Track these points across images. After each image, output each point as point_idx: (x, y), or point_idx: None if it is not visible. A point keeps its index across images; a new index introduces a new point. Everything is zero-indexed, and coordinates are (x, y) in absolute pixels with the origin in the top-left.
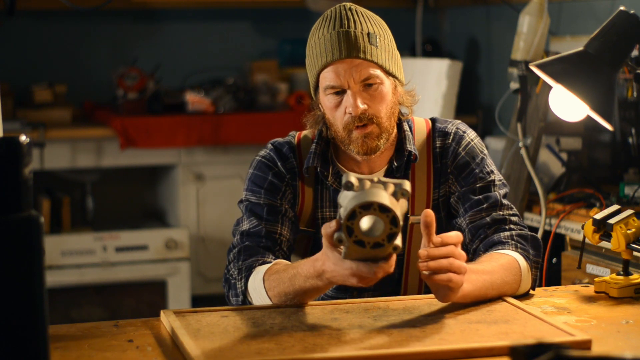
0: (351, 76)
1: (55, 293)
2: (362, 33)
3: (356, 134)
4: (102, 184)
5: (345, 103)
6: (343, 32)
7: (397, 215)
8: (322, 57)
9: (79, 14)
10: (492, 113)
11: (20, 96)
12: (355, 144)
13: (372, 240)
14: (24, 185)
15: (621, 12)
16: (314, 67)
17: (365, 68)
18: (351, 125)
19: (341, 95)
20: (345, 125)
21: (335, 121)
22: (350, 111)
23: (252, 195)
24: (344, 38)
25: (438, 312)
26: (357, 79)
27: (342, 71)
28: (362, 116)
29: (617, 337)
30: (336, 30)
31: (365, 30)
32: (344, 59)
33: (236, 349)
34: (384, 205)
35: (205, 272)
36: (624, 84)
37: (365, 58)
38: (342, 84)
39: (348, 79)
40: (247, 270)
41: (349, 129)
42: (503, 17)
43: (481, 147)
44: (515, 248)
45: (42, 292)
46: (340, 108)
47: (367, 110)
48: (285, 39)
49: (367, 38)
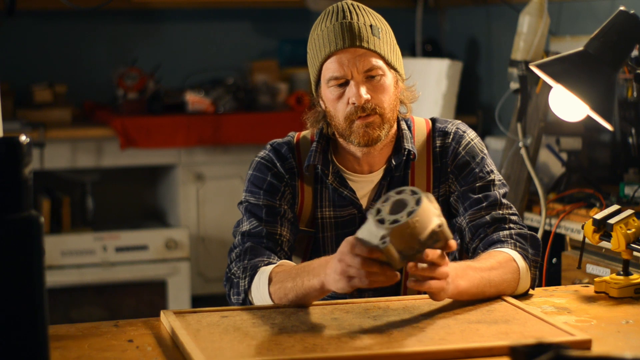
0: (355, 66)
1: (55, 293)
2: (365, 24)
3: (358, 124)
4: (102, 184)
5: (348, 94)
6: (346, 23)
7: (413, 188)
8: (325, 47)
9: (79, 14)
10: (492, 113)
11: (20, 96)
12: (357, 134)
13: (404, 213)
14: (24, 185)
15: (621, 12)
16: (316, 59)
17: (368, 58)
18: (354, 115)
19: (344, 87)
20: (347, 115)
21: (337, 113)
22: (353, 101)
23: (251, 197)
24: (347, 28)
25: (438, 312)
26: (361, 69)
27: (345, 61)
28: (365, 106)
29: (617, 337)
30: (339, 21)
31: (367, 22)
32: (348, 48)
33: (236, 349)
34: (398, 189)
35: (205, 272)
36: (624, 84)
37: (369, 48)
38: (346, 73)
39: (352, 69)
40: (252, 269)
41: (351, 119)
42: (503, 17)
43: (481, 147)
44: (514, 247)
45: (42, 292)
46: (343, 99)
47: (370, 100)
48: (285, 39)
49: (369, 29)
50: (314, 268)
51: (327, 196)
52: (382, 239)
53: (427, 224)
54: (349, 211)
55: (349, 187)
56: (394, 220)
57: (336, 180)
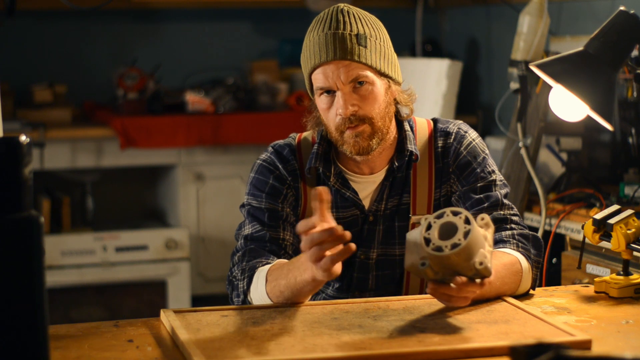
0: (339, 77)
1: (55, 293)
2: (351, 34)
3: (348, 134)
4: (102, 184)
5: (336, 104)
6: (332, 34)
7: (469, 215)
8: (312, 59)
9: (79, 14)
10: (492, 113)
11: (20, 96)
12: (348, 144)
13: (449, 243)
14: (24, 185)
15: (621, 12)
16: (305, 68)
17: (354, 69)
18: (342, 126)
19: (332, 96)
20: (337, 126)
21: (328, 122)
22: (340, 112)
23: (253, 200)
24: (332, 40)
25: (438, 312)
26: (345, 80)
27: (330, 73)
28: (352, 117)
29: (617, 337)
30: (325, 32)
31: (354, 32)
32: (332, 61)
33: (237, 348)
34: (455, 210)
35: (205, 272)
36: (624, 84)
37: (353, 59)
38: (331, 85)
39: (336, 80)
40: (251, 270)
41: (341, 130)
42: (503, 17)
43: (482, 147)
44: (516, 247)
45: (42, 292)
46: (332, 109)
47: (357, 111)
48: (285, 39)
49: (355, 39)
50: (302, 262)
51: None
52: (421, 260)
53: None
54: (351, 212)
55: (352, 188)
56: (438, 248)
57: (338, 182)
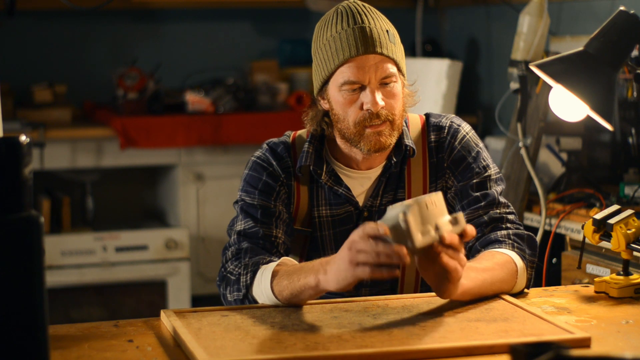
0: (373, 72)
1: (55, 293)
2: (382, 30)
3: (369, 131)
4: (102, 184)
5: (363, 99)
6: (362, 28)
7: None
8: (341, 53)
9: (79, 14)
10: (492, 113)
11: (20, 96)
12: (367, 140)
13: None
14: (24, 185)
15: (621, 12)
16: (329, 62)
17: (386, 65)
18: (367, 122)
19: (357, 92)
20: (359, 121)
21: (347, 117)
22: (369, 107)
23: (246, 196)
24: (364, 34)
25: (437, 310)
26: (379, 76)
27: (364, 67)
28: (380, 113)
29: (617, 337)
30: (351, 27)
31: (383, 27)
32: (367, 54)
33: (239, 347)
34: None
35: (205, 272)
36: (624, 84)
37: (388, 55)
38: (363, 79)
39: (370, 75)
40: (254, 265)
41: (363, 125)
42: (503, 17)
43: (476, 141)
44: (512, 247)
45: (42, 292)
46: (356, 104)
47: (384, 107)
48: (285, 39)
49: (386, 35)
50: (312, 266)
51: (323, 195)
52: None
53: (443, 207)
54: (345, 209)
55: (344, 185)
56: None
57: (330, 179)
